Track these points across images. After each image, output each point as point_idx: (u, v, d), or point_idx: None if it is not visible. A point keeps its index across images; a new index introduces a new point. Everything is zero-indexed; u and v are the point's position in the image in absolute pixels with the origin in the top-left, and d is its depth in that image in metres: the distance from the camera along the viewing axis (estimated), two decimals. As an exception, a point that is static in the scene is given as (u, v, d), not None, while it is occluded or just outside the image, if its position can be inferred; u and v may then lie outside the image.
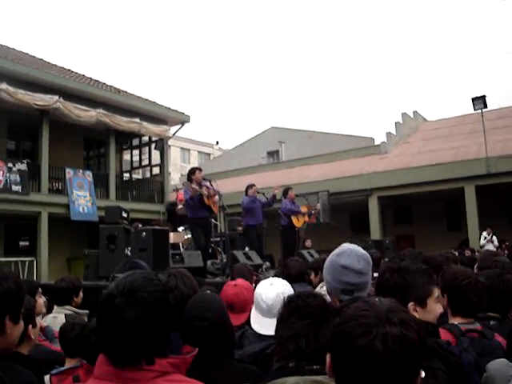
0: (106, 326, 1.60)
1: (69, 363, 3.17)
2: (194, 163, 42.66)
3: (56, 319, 4.18)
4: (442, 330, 2.37)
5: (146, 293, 1.61)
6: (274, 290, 2.90)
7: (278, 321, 2.01)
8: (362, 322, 1.20)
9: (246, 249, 10.74)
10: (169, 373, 1.61)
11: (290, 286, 3.11)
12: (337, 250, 2.60)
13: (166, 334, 1.67)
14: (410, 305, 2.10)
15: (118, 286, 1.64)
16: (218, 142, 53.85)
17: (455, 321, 2.71)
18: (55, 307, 4.41)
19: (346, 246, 2.61)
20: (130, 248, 8.30)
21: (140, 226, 10.57)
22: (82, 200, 18.85)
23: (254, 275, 5.28)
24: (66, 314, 4.18)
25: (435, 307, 2.18)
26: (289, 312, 1.96)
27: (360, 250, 2.57)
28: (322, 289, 3.30)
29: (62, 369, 3.04)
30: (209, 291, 2.95)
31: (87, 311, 4.41)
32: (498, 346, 2.31)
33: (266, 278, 5.37)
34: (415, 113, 29.79)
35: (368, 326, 1.18)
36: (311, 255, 10.33)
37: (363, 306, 1.25)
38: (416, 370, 1.22)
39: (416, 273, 2.18)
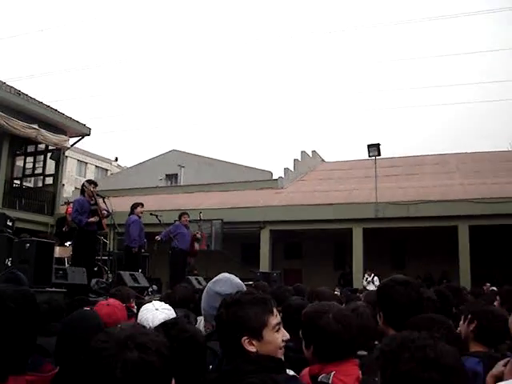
0: None
1: None
2: (91, 177, 41.50)
3: None
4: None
5: (12, 303, 1.60)
6: (159, 315, 2.93)
7: None
8: (103, 354, 1.25)
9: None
10: None
11: (173, 311, 3.16)
12: (214, 279, 2.69)
13: (25, 352, 1.63)
14: (244, 339, 1.96)
15: None
16: (117, 159, 52.79)
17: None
18: None
19: (223, 275, 2.71)
20: (10, 258, 7.96)
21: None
22: (-36, 203, 17.86)
23: (138, 298, 5.24)
24: None
25: (274, 337, 2.02)
26: None
27: (235, 279, 2.66)
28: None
29: None
30: (88, 308, 2.93)
31: None
32: None
33: (149, 301, 5.35)
34: (314, 152, 30.77)
35: (109, 357, 1.24)
36: (199, 282, 10.35)
37: (103, 337, 1.30)
38: None
39: (247, 304, 2.03)
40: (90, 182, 10.38)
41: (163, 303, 3.23)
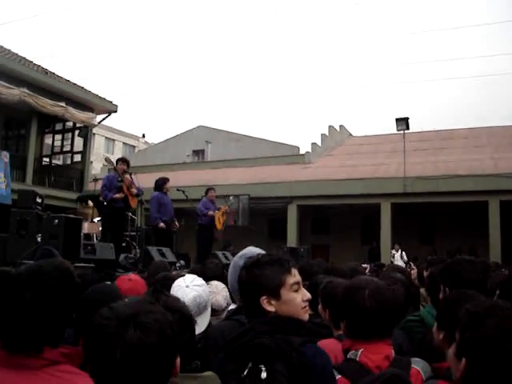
0: (4, 304, 1.59)
1: None
2: (118, 154, 41.84)
3: None
4: None
5: (50, 278, 1.62)
6: (189, 293, 2.88)
7: None
8: (104, 332, 1.22)
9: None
10: (59, 363, 1.59)
11: (205, 287, 3.11)
12: (240, 253, 2.65)
13: (61, 325, 1.65)
14: (262, 299, 1.96)
15: (28, 268, 1.66)
16: (144, 135, 53.20)
17: None
18: None
19: (248, 249, 2.66)
20: (40, 235, 8.08)
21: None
22: (-4, 181, 18.09)
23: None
24: None
25: (292, 296, 2.00)
26: None
27: (261, 252, 2.59)
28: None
29: None
30: (109, 282, 2.91)
31: None
32: None
33: (178, 276, 5.37)
34: (341, 127, 30.48)
35: (109, 335, 1.21)
36: (226, 257, 10.37)
37: (106, 313, 1.27)
38: (163, 370, 1.26)
39: (265, 264, 2.03)
40: (122, 160, 10.50)
41: (196, 278, 3.08)
